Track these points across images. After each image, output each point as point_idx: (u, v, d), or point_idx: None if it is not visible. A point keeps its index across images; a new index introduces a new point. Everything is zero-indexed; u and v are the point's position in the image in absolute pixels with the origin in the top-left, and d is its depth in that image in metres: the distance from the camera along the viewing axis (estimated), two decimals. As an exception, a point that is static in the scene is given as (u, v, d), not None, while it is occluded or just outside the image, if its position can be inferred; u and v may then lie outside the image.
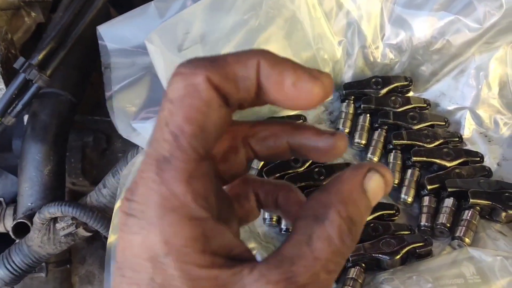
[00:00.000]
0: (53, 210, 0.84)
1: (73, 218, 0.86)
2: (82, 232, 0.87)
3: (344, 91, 0.89)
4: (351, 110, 0.88)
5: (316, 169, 0.80)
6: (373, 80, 0.88)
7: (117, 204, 0.75)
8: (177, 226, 0.31)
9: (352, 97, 0.89)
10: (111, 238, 0.75)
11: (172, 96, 0.32)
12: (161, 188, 0.31)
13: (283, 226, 0.79)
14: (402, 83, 0.88)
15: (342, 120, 0.88)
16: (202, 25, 0.72)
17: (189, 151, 0.32)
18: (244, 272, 0.31)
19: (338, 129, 0.87)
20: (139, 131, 0.79)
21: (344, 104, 0.89)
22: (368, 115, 0.86)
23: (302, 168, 0.81)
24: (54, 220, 0.88)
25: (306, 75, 0.33)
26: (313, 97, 0.33)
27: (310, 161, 0.82)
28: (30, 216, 0.93)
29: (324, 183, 0.78)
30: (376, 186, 0.34)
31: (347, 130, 0.87)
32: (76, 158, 1.11)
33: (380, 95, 0.88)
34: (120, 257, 0.33)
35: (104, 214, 0.85)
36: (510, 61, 0.82)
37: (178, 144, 0.32)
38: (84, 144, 1.12)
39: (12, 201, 1.05)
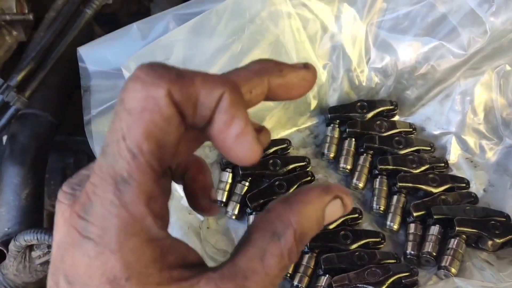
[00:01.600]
0: (28, 238, 0.81)
1: (49, 246, 0.83)
2: (59, 260, 0.84)
3: (329, 115, 0.88)
4: (336, 134, 0.87)
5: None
6: (358, 104, 0.87)
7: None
8: (139, 250, 0.31)
9: (338, 121, 0.88)
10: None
11: (130, 107, 0.30)
12: (120, 211, 0.30)
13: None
14: (387, 107, 0.87)
15: (327, 144, 0.86)
16: (183, 50, 0.71)
17: (147, 171, 0.30)
18: (201, 283, 0.32)
19: (323, 153, 0.86)
20: (119, 156, 0.76)
21: (329, 128, 0.87)
22: (353, 139, 0.85)
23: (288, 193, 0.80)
24: (30, 247, 0.85)
25: (250, 135, 0.31)
26: (248, 157, 0.32)
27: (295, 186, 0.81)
28: (7, 242, 0.90)
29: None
30: (334, 212, 0.36)
31: (332, 155, 0.86)
32: (56, 180, 1.09)
33: (365, 119, 0.87)
34: (71, 272, 0.32)
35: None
36: (495, 87, 0.82)
37: (137, 163, 0.30)
38: (65, 166, 1.10)
39: (-12, 225, 1.02)
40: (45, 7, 1.17)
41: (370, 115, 0.87)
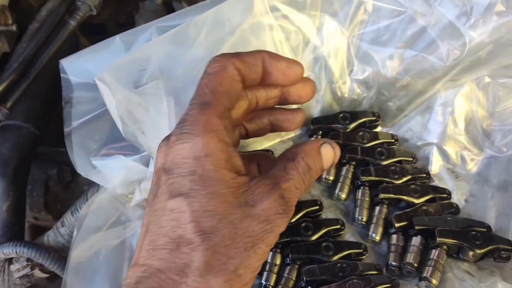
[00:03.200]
0: (7, 251, 0.81)
1: (28, 259, 0.82)
2: (38, 273, 0.83)
3: (312, 126, 0.88)
4: (318, 145, 0.87)
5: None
6: (341, 115, 0.88)
7: (74, 245, 0.72)
8: (214, 140, 0.52)
9: (320, 132, 0.88)
10: (69, 279, 0.72)
11: (210, 71, 0.56)
12: (204, 117, 0.52)
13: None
14: (370, 118, 0.88)
15: (310, 156, 0.86)
16: (161, 60, 0.70)
17: (221, 101, 0.54)
18: (251, 180, 0.53)
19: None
20: (99, 168, 0.76)
21: (312, 139, 0.88)
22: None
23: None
24: (9, 261, 0.84)
25: (293, 61, 0.62)
26: (299, 73, 0.62)
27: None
28: (-14, 255, 0.89)
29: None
30: (328, 153, 0.60)
31: (314, 166, 0.86)
32: (38, 192, 1.08)
33: (348, 130, 0.87)
34: (169, 163, 0.52)
35: (61, 254, 0.81)
36: (475, 98, 0.82)
37: (215, 96, 0.54)
38: (48, 177, 1.09)
39: (-31, 238, 1.00)
40: (29, 18, 1.18)
41: (352, 126, 0.87)
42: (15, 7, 1.16)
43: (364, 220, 0.80)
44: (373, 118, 0.87)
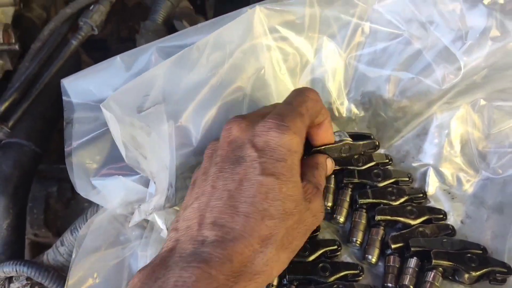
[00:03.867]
0: (7, 269, 0.81)
1: (28, 278, 0.82)
2: (37, 292, 0.84)
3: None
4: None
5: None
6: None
7: (73, 265, 0.73)
8: (302, 143, 0.67)
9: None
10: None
11: (312, 97, 0.72)
12: (301, 124, 0.67)
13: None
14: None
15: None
16: (164, 85, 0.72)
17: (310, 119, 0.70)
18: (302, 181, 0.68)
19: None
20: (99, 188, 0.77)
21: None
22: (333, 176, 0.85)
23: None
24: (9, 280, 0.85)
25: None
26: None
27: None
28: (-15, 272, 0.90)
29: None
30: (330, 164, 0.77)
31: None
32: (39, 209, 1.09)
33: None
34: (261, 143, 0.62)
35: (61, 273, 0.82)
36: (470, 120, 0.83)
37: (308, 113, 0.69)
38: (48, 195, 1.10)
39: (-32, 255, 1.01)
40: (32, 36, 1.19)
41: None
42: (18, 25, 1.18)
43: (358, 242, 0.81)
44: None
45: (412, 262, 0.77)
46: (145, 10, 1.41)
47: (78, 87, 0.86)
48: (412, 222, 0.81)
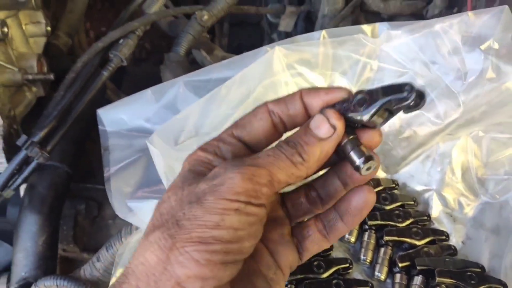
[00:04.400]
0: (49, 283, 0.89)
1: (66, 292, 0.90)
2: (75, 305, 0.91)
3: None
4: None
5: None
6: None
7: (112, 280, 0.80)
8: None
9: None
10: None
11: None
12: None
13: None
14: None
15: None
16: (196, 120, 0.80)
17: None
18: None
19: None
20: (135, 211, 0.85)
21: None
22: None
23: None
24: (49, 292, 0.93)
25: (334, 88, 0.53)
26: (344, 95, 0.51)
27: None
28: (23, 286, 0.97)
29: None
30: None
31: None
32: (68, 226, 1.16)
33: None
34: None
35: (97, 287, 0.90)
36: (470, 150, 0.92)
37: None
38: (77, 212, 1.18)
39: (5, 269, 1.09)
40: (60, 64, 1.28)
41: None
42: (46, 53, 1.26)
43: (368, 260, 0.89)
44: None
45: (418, 279, 0.85)
46: (155, 30, 1.50)
47: (112, 117, 0.95)
48: (418, 243, 0.89)
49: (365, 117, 0.49)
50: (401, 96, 0.48)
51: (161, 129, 0.79)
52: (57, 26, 1.37)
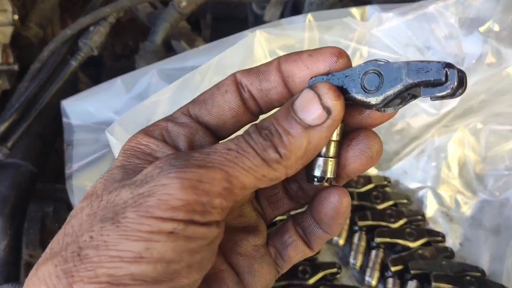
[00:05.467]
0: (4, 293, 0.80)
1: (25, 302, 0.81)
2: (34, 316, 0.82)
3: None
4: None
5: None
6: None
7: None
8: None
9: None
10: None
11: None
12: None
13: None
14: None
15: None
16: (166, 108, 0.72)
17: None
18: None
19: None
20: (99, 211, 0.76)
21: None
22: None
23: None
24: (5, 302, 0.84)
25: (318, 49, 0.39)
26: (334, 53, 0.39)
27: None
28: (-19, 295, 0.88)
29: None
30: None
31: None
32: (35, 229, 1.07)
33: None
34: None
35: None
36: (468, 143, 0.85)
37: None
38: (44, 215, 1.09)
39: (-37, 276, 0.99)
40: (29, 55, 1.19)
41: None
42: (15, 44, 1.18)
43: (358, 264, 0.81)
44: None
45: (412, 285, 0.77)
46: (139, 26, 1.42)
47: (78, 109, 0.87)
48: (411, 245, 0.82)
49: (377, 100, 0.37)
50: (437, 81, 0.36)
51: (124, 117, 0.71)
52: (28, 17, 1.30)
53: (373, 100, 0.37)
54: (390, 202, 0.86)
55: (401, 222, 0.84)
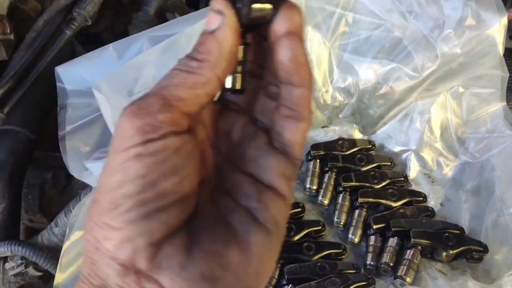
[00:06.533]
0: (2, 249, 0.84)
1: (22, 258, 0.85)
2: (32, 271, 0.86)
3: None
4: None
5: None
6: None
7: (66, 244, 0.75)
8: None
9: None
10: (59, 279, 0.75)
11: None
12: None
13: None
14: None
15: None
16: (153, 70, 0.75)
17: None
18: None
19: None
20: (92, 170, 0.80)
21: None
22: (318, 160, 0.88)
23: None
24: (4, 259, 0.88)
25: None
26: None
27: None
28: (-18, 254, 0.92)
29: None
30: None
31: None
32: (34, 195, 1.11)
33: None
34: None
35: (55, 253, 0.85)
36: (450, 107, 0.87)
37: None
38: (43, 181, 1.12)
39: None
40: (27, 28, 1.22)
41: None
42: (13, 17, 1.20)
43: (342, 223, 0.84)
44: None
45: (393, 241, 0.80)
46: (139, 6, 1.43)
47: (71, 74, 0.89)
48: (393, 204, 0.84)
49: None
50: None
51: (110, 76, 0.74)
52: (25, -10, 1.32)
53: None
54: (374, 164, 0.88)
55: (384, 183, 0.86)
